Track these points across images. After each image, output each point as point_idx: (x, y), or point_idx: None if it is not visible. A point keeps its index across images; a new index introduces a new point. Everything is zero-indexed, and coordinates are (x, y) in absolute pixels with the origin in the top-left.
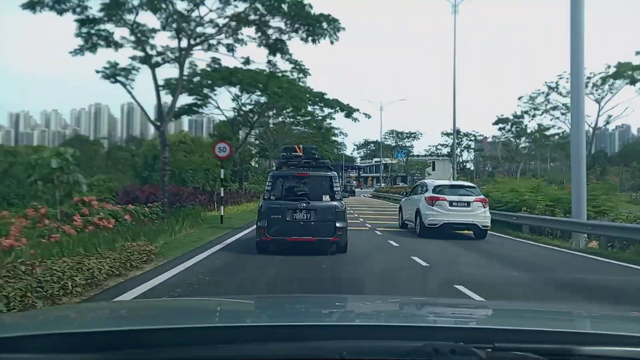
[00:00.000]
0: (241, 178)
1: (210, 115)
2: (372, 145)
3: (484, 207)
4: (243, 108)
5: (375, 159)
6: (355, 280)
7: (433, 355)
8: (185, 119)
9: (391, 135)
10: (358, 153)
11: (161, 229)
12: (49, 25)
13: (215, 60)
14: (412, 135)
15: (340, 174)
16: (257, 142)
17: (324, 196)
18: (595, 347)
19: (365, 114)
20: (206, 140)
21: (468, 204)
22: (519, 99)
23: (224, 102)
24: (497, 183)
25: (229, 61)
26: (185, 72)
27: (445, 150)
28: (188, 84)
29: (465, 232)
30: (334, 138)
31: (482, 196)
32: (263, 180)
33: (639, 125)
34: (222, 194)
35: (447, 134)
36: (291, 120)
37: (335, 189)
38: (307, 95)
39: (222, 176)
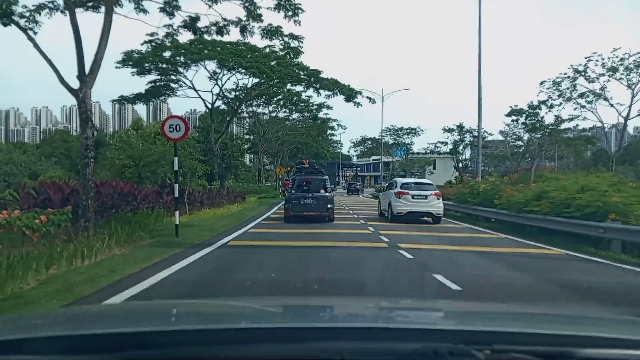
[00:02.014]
0: (222, 174)
1: (201, 112)
2: (369, 142)
3: (438, 199)
4: (227, 95)
5: (373, 157)
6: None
7: (432, 357)
8: (172, 110)
9: (389, 132)
10: (355, 151)
11: (47, 253)
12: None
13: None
14: (412, 132)
15: (337, 173)
16: (247, 136)
17: (320, 190)
18: (593, 350)
19: (369, 98)
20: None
21: (426, 197)
22: (541, 84)
23: (202, 83)
24: (547, 179)
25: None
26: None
27: (445, 148)
28: (154, 55)
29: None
30: (330, 132)
31: (437, 191)
32: (253, 178)
33: (635, 125)
34: (176, 194)
35: (449, 130)
36: (284, 110)
37: (327, 186)
38: (300, 74)
39: (176, 167)
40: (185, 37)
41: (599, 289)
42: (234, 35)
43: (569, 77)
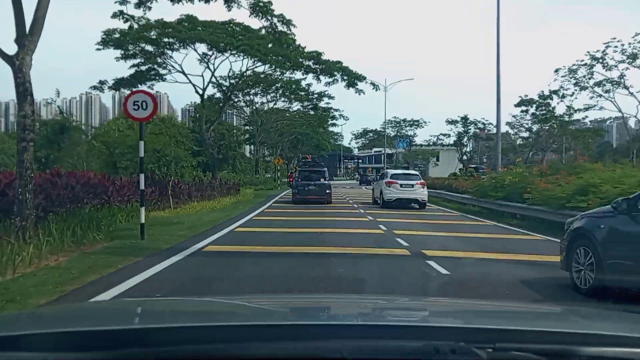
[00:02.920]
0: (214, 165)
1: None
2: (371, 134)
3: (423, 188)
4: (222, 83)
5: (375, 149)
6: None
7: (433, 355)
8: (178, 109)
9: (391, 124)
10: (356, 143)
11: None
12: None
13: None
14: (415, 123)
15: (338, 165)
16: (246, 127)
17: (320, 179)
18: (596, 348)
19: (373, 84)
20: (181, 122)
21: (412, 185)
22: (556, 71)
23: (193, 68)
24: (585, 171)
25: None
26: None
27: (448, 140)
28: (137, 33)
29: None
30: (331, 121)
31: (421, 180)
32: (251, 169)
33: (638, 118)
34: (141, 185)
35: (453, 122)
36: (283, 99)
37: (325, 175)
38: (300, 59)
39: (141, 154)
40: (164, 11)
41: None
42: (221, 12)
43: (586, 64)
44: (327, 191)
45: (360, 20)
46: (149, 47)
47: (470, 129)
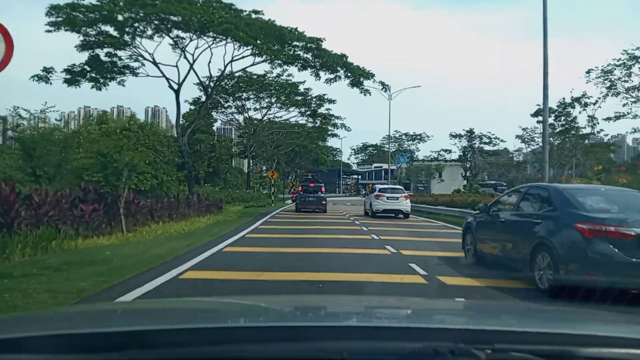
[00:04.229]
0: (191, 177)
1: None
2: (371, 149)
3: (406, 200)
4: (204, 81)
5: (375, 165)
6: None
7: (432, 356)
8: (172, 115)
9: (391, 139)
10: (356, 158)
11: None
12: (37, 31)
13: None
14: (417, 137)
15: (337, 181)
16: (240, 139)
17: (318, 192)
18: (595, 349)
19: (382, 83)
20: (162, 130)
21: (397, 198)
22: (588, 73)
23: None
24: None
25: None
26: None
27: (450, 156)
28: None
29: None
30: (332, 130)
31: (406, 194)
32: (242, 183)
33: (634, 136)
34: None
35: (457, 136)
36: (277, 104)
37: (322, 189)
38: (297, 45)
39: None
40: None
41: None
42: None
43: (624, 64)
44: (323, 202)
45: (365, 26)
46: (106, 28)
47: (475, 143)
